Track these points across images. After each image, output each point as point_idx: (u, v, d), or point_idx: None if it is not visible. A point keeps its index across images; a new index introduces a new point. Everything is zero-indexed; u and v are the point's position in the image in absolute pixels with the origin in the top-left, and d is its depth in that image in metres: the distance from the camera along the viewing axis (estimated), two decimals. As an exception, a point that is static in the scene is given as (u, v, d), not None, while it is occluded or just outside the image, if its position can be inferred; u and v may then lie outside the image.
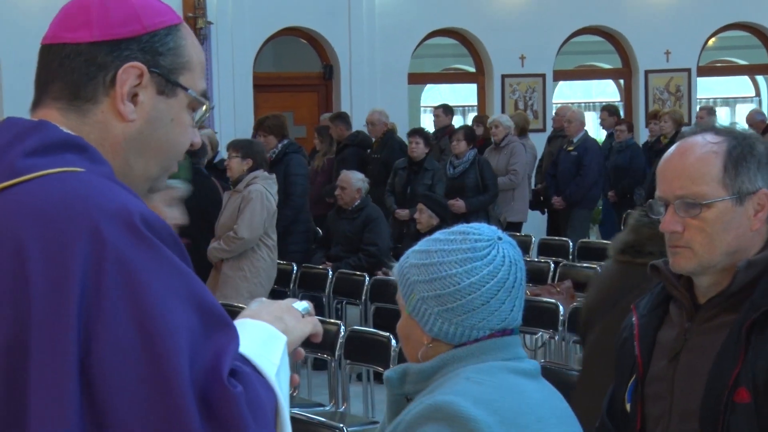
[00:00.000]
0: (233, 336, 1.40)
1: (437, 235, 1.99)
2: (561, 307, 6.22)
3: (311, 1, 11.82)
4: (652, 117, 11.46)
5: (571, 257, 8.53)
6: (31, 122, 1.46)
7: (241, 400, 1.34)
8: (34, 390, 1.30)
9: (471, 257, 1.91)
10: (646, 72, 13.40)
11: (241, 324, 1.50)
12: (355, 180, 7.69)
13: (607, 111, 11.67)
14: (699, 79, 13.84)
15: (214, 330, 1.37)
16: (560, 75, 14.02)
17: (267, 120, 8.24)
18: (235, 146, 6.88)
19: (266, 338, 1.50)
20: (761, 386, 1.90)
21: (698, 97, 14.02)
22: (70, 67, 1.47)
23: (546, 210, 10.74)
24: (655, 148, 10.48)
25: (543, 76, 13.05)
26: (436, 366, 1.93)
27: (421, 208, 7.43)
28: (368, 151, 9.80)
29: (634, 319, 2.16)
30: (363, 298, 6.70)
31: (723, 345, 1.95)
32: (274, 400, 1.43)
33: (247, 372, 1.40)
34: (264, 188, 6.56)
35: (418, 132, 8.99)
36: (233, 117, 11.36)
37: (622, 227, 9.81)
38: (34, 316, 1.31)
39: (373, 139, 9.90)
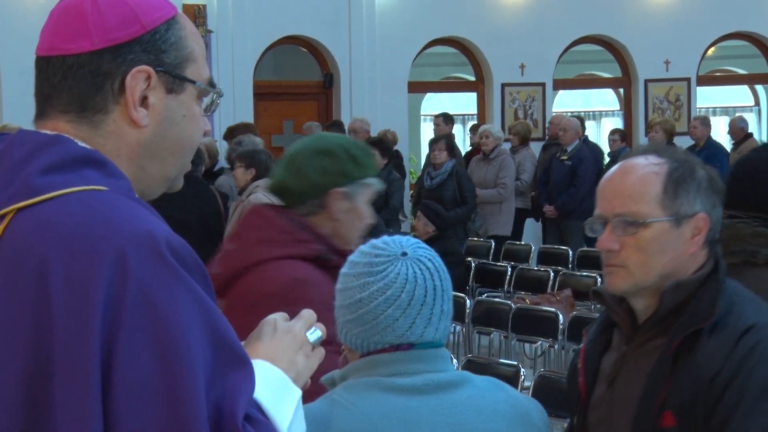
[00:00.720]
0: (249, 376, 1.36)
1: (361, 246, 1.99)
2: (560, 316, 6.22)
3: (312, 10, 11.84)
4: (650, 127, 11.45)
5: (570, 266, 8.53)
6: (47, 136, 1.41)
7: None
8: (60, 417, 1.27)
9: (365, 272, 1.91)
10: (646, 81, 13.42)
11: (258, 366, 1.43)
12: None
13: (619, 134, 11.67)
14: (699, 88, 13.86)
15: (230, 368, 1.33)
16: (560, 84, 14.04)
17: (237, 129, 8.27)
18: (240, 156, 6.89)
19: (281, 389, 1.45)
20: (686, 410, 1.90)
21: (698, 106, 14.03)
22: (75, 80, 1.42)
23: (540, 218, 10.70)
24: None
25: (543, 85, 13.06)
26: (340, 374, 1.95)
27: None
28: None
29: (582, 344, 2.18)
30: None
31: (652, 368, 1.96)
32: None
33: (263, 421, 1.35)
34: (263, 197, 6.56)
35: (374, 144, 8.67)
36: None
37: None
38: (56, 343, 1.28)
39: None
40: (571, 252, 8.77)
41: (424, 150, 15.38)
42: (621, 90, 14.33)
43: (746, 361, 1.88)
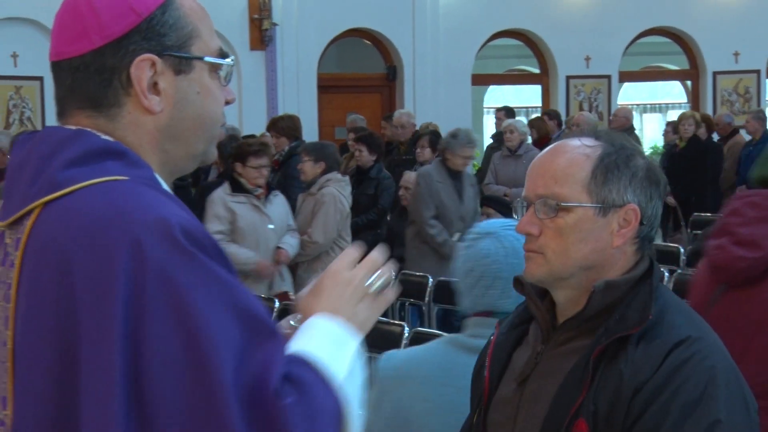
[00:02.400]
0: (279, 345, 1.37)
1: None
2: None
3: (375, 3, 11.86)
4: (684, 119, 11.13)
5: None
6: (70, 131, 1.44)
7: (292, 411, 1.31)
8: (85, 403, 1.30)
9: (462, 247, 2.34)
10: (714, 73, 13.21)
11: (313, 323, 1.47)
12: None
13: (671, 126, 11.44)
14: (769, 80, 13.62)
15: (259, 340, 1.34)
16: (626, 76, 13.89)
17: (280, 121, 8.22)
18: (307, 150, 6.90)
19: (337, 342, 1.45)
20: (601, 420, 1.74)
21: (768, 98, 13.80)
22: (83, 80, 1.44)
23: None
24: (671, 152, 10.13)
25: (608, 77, 12.94)
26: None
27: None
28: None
29: (492, 337, 2.02)
30: (426, 299, 6.70)
31: (570, 372, 1.79)
32: (338, 407, 1.38)
33: (306, 380, 1.36)
34: (337, 191, 6.58)
35: (362, 139, 8.22)
36: (297, 117, 11.45)
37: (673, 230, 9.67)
38: (82, 332, 1.31)
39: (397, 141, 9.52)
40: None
41: (488, 142, 15.34)
42: (688, 82, 14.13)
43: (674, 377, 1.71)
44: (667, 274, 6.55)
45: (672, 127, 11.07)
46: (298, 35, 11.57)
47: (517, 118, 11.00)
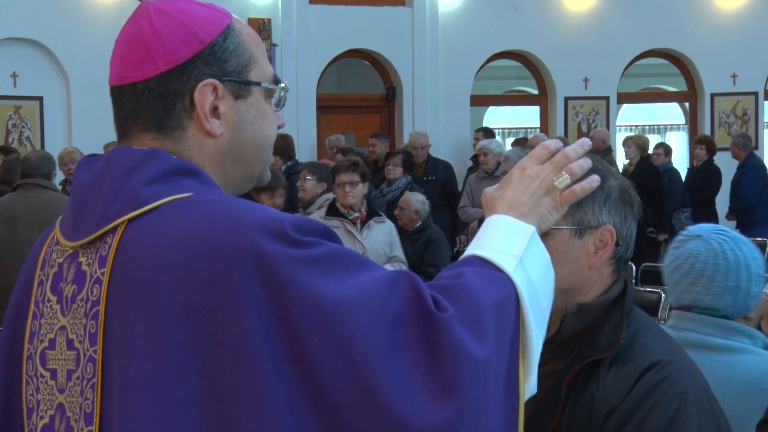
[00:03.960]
0: (408, 276, 1.39)
1: None
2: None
3: (375, 24, 11.90)
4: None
5: (634, 281, 8.44)
6: (144, 151, 1.46)
7: (453, 322, 1.34)
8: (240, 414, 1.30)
9: (671, 247, 2.61)
10: (712, 95, 13.24)
11: (490, 224, 1.53)
12: (414, 201, 7.66)
13: (663, 149, 11.49)
14: (767, 102, 13.63)
15: (396, 281, 1.37)
16: (624, 98, 13.91)
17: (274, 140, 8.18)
18: (311, 169, 6.92)
19: (508, 232, 1.51)
20: None
21: (766, 120, 13.81)
22: (148, 104, 1.47)
23: None
24: (626, 175, 10.18)
25: (607, 98, 12.97)
26: None
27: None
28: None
29: None
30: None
31: (544, 396, 1.77)
32: (509, 294, 1.42)
33: (459, 283, 1.40)
34: (317, 215, 6.61)
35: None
36: (296, 138, 11.43)
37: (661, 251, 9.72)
38: (222, 340, 1.31)
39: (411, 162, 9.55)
40: (634, 267, 8.67)
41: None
42: (687, 104, 14.16)
43: (644, 402, 1.70)
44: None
45: (663, 149, 11.12)
46: (297, 56, 11.60)
47: (496, 138, 10.84)
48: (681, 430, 1.68)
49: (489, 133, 11.02)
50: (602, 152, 10.11)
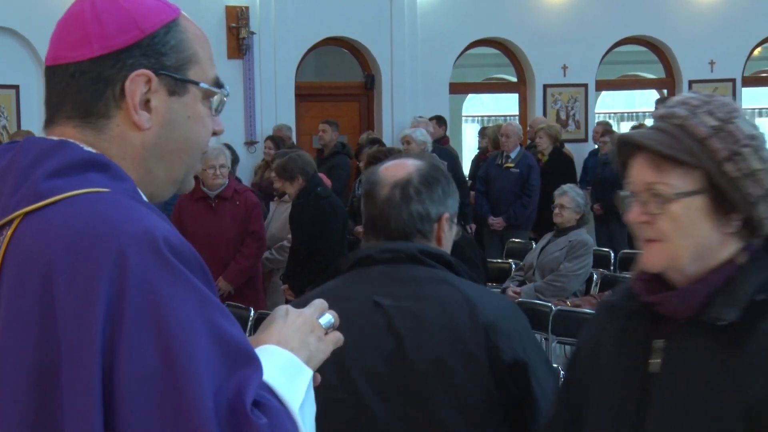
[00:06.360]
0: (256, 368, 1.37)
1: None
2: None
3: (354, 11, 11.87)
4: (534, 133, 10.81)
5: (612, 268, 8.48)
6: (52, 141, 1.43)
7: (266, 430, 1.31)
8: (66, 416, 1.29)
9: None
10: (690, 82, 13.29)
11: (266, 351, 1.46)
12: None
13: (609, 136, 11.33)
14: (744, 89, 13.70)
15: (235, 362, 1.34)
16: (603, 85, 13.95)
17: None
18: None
19: (292, 371, 1.46)
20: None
21: (744, 107, 13.87)
22: (77, 87, 1.45)
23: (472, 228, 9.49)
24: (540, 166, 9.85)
25: (585, 86, 12.99)
26: None
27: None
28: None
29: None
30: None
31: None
32: None
33: (273, 405, 1.36)
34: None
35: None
36: (276, 126, 11.43)
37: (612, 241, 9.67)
38: (62, 342, 1.30)
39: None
40: (613, 254, 8.71)
41: (467, 152, 15.33)
42: (665, 91, 14.21)
43: None
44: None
45: (609, 138, 11.02)
46: (275, 44, 11.56)
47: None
48: None
49: (441, 120, 11.08)
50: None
